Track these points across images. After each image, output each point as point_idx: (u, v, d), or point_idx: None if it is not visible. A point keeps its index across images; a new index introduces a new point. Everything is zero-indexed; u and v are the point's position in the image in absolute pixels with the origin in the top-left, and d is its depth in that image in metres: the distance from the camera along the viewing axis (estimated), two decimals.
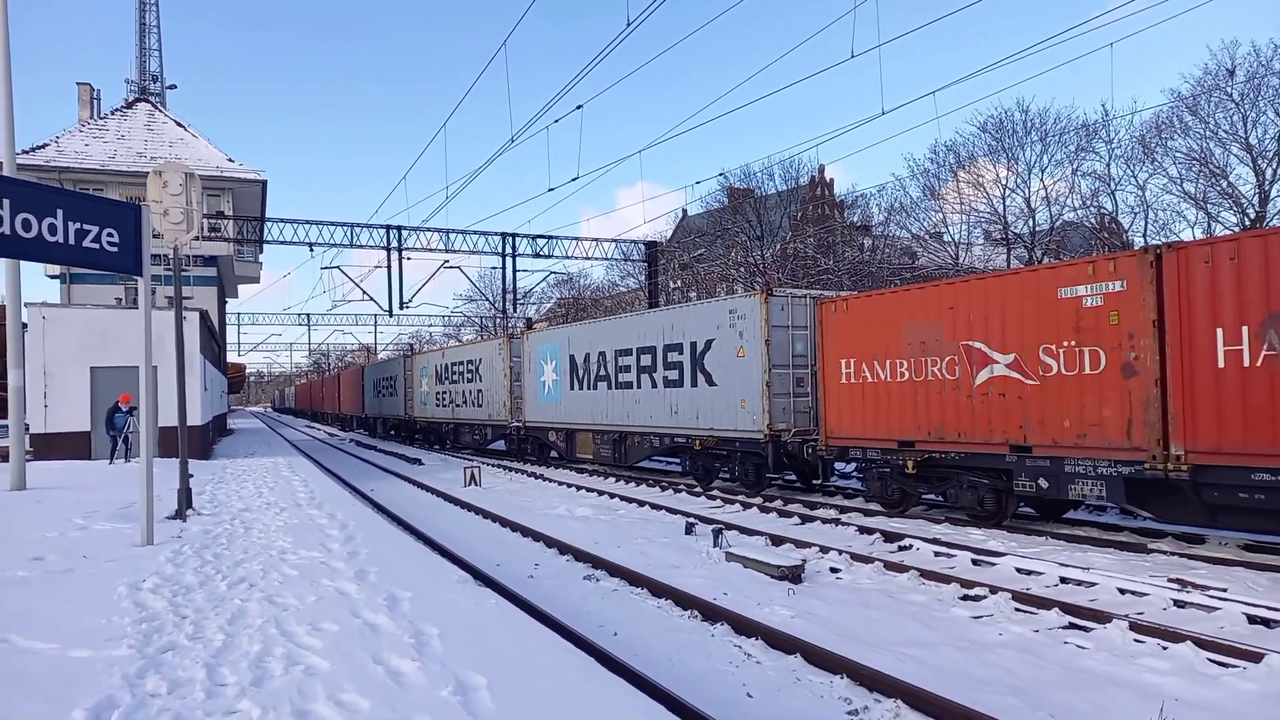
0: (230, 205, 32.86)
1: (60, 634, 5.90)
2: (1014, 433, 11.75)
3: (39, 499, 13.41)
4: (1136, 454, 10.24)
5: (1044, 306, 11.32)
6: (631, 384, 20.52)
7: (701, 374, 18.00)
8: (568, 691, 5.04)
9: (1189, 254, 9.85)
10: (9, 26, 14.38)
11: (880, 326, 13.87)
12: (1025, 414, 11.59)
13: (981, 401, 12.19)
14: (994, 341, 12.03)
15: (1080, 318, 10.91)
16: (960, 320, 12.50)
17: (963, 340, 12.46)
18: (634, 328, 20.69)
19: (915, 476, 13.53)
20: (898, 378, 13.53)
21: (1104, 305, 10.65)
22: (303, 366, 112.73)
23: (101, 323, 21.26)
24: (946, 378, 12.71)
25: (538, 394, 25.39)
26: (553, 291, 62.02)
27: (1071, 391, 11.02)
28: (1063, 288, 11.11)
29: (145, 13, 39.15)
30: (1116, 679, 6.29)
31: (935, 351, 12.88)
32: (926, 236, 39.93)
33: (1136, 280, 10.27)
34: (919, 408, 13.15)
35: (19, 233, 8.26)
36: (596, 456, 22.65)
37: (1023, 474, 11.72)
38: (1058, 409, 11.19)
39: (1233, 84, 28.60)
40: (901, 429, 13.46)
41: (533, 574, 10.38)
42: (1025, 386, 11.59)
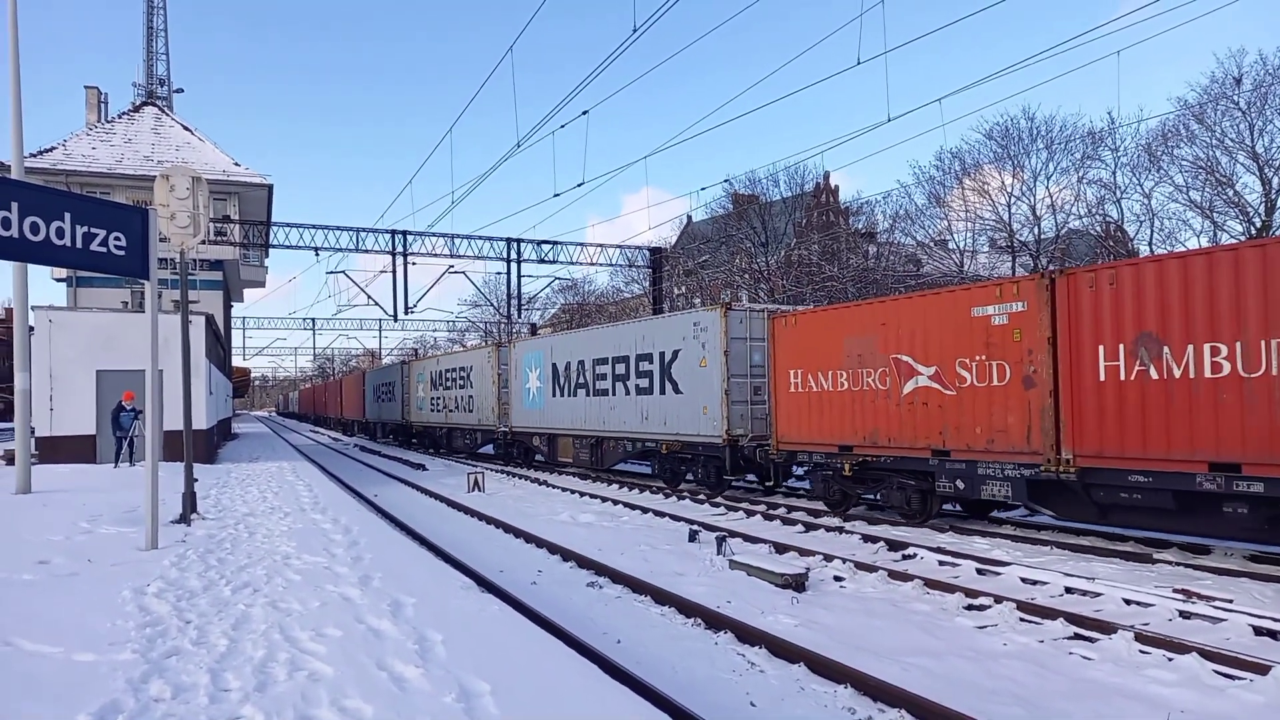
0: (236, 209, 32.97)
1: (65, 637, 5.91)
2: (935, 438, 12.79)
3: (44, 502, 13.44)
4: (1035, 457, 11.29)
5: (960, 324, 12.42)
6: (607, 391, 21.56)
7: (669, 382, 19.07)
8: (571, 698, 5.03)
9: (1077, 279, 10.95)
10: (18, 31, 14.46)
11: (824, 340, 14.95)
12: (944, 421, 12.64)
13: (908, 410, 13.23)
14: (919, 355, 13.09)
15: (989, 335, 12.01)
16: (891, 336, 13.56)
17: (893, 354, 13.52)
18: (610, 338, 21.80)
19: (853, 478, 14.53)
20: (838, 387, 14.64)
21: (1009, 324, 11.77)
22: (307, 371, 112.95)
23: (108, 326, 21.32)
24: (879, 388, 13.80)
25: (523, 400, 26.49)
26: (557, 297, 62.15)
27: (982, 401, 12.09)
28: (975, 307, 12.23)
29: (153, 17, 39.38)
30: (1122, 690, 6.26)
31: (870, 364, 13.97)
32: (931, 244, 39.92)
33: (1035, 301, 11.38)
34: (856, 415, 14.22)
35: (27, 236, 8.29)
36: (576, 460, 23.64)
37: (943, 476, 12.76)
38: (971, 417, 12.25)
39: (1240, 92, 28.61)
40: (841, 434, 14.51)
41: (536, 580, 10.37)
42: (944, 396, 12.64)
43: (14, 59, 14.43)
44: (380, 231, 32.76)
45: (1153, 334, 10.07)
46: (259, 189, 33.04)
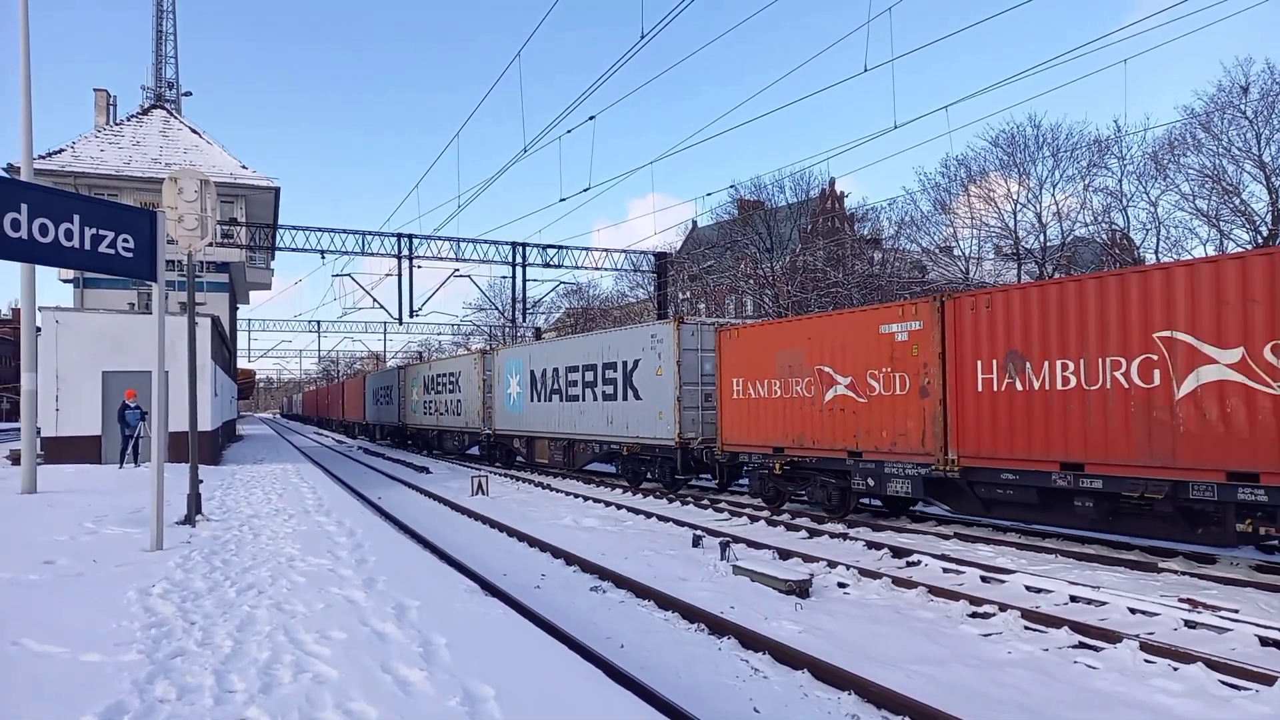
0: (243, 212, 33.07)
1: (71, 638, 5.92)
2: (850, 441, 14.31)
3: (50, 502, 13.48)
4: (928, 458, 12.83)
5: (870, 340, 13.97)
6: (578, 397, 23.03)
7: (631, 389, 20.54)
8: (575, 703, 5.03)
9: (961, 302, 12.57)
10: (29, 36, 14.55)
11: (761, 352, 16.47)
12: (858, 426, 14.16)
13: (829, 415, 14.76)
14: (838, 366, 14.63)
15: (894, 349, 13.57)
16: (815, 349, 15.08)
17: (817, 365, 15.03)
18: (580, 347, 23.34)
19: (784, 477, 15.98)
20: (773, 394, 16.12)
21: (909, 340, 13.32)
22: (312, 373, 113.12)
23: (114, 328, 21.39)
24: (805, 395, 15.32)
25: (505, 404, 27.95)
26: (562, 301, 62.16)
27: (888, 408, 13.63)
28: (883, 325, 13.77)
29: (162, 20, 39.56)
30: (1127, 700, 6.24)
31: (798, 374, 15.49)
32: (937, 250, 39.89)
33: (929, 321, 12.91)
34: (787, 420, 15.71)
35: (36, 237, 8.33)
36: (551, 461, 25.28)
37: (857, 475, 14.25)
38: (879, 422, 13.79)
39: (1246, 101, 28.57)
40: (774, 437, 15.99)
41: (540, 584, 10.37)
42: (858, 403, 14.21)
43: (24, 63, 14.52)
44: (386, 235, 32.84)
45: (1018, 351, 11.71)
46: (266, 192, 33.14)
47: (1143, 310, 10.33)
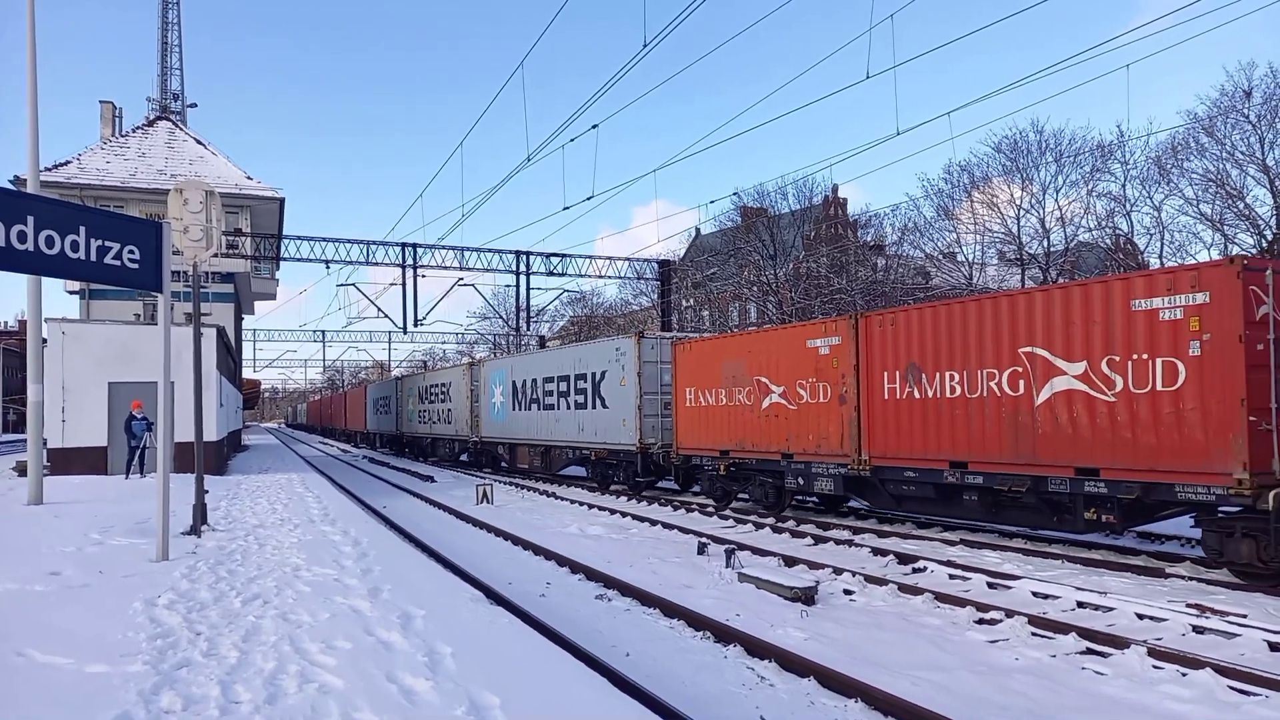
0: (248, 222, 33.20)
1: (77, 648, 5.93)
2: (783, 444, 15.83)
3: (56, 513, 13.51)
4: (846, 459, 14.40)
5: (799, 353, 15.57)
6: (554, 406, 24.56)
7: (599, 398, 22.02)
8: (581, 712, 5.02)
9: (871, 320, 14.26)
10: (36, 48, 14.64)
11: (710, 363, 18.10)
12: (789, 430, 15.72)
13: (765, 421, 16.30)
14: (773, 377, 16.17)
15: (818, 362, 15.12)
16: (755, 361, 16.64)
17: (756, 375, 16.56)
18: (556, 359, 25.06)
19: (729, 477, 17.62)
20: (720, 402, 17.71)
21: (830, 353, 14.92)
22: (317, 383, 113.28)
23: (120, 338, 21.46)
24: (746, 403, 16.85)
25: (490, 413, 29.83)
26: (566, 309, 62.22)
27: (814, 414, 15.18)
28: (809, 340, 15.38)
29: (167, 32, 39.79)
30: (1136, 706, 6.21)
31: (741, 383, 17.03)
32: (940, 256, 39.85)
33: (846, 337, 14.53)
34: (731, 425, 17.26)
35: (42, 249, 8.36)
36: (531, 466, 26.94)
37: (790, 474, 15.79)
38: (807, 427, 15.35)
39: (1250, 105, 28.52)
40: (721, 441, 17.61)
41: (545, 593, 10.36)
42: (789, 410, 15.74)
43: (31, 75, 14.62)
44: (390, 244, 32.94)
45: (916, 364, 13.25)
46: (270, 202, 33.28)
47: (1011, 328, 11.84)
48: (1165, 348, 10.11)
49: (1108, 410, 10.66)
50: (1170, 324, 10.07)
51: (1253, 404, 9.38)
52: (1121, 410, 10.53)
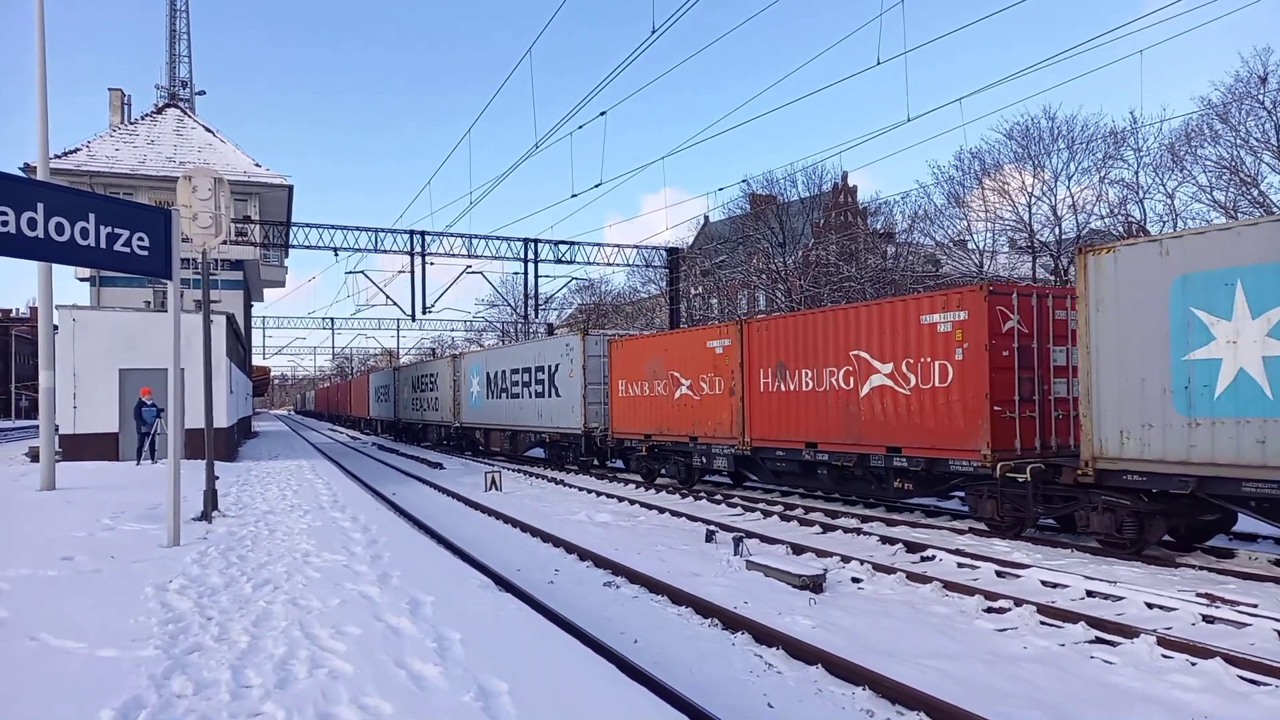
0: (257, 210, 33.22)
1: (89, 633, 5.98)
2: (691, 429, 18.96)
3: (68, 499, 13.60)
4: (735, 441, 17.45)
5: (701, 352, 18.62)
6: (519, 395, 27.50)
7: (554, 388, 24.93)
8: (589, 698, 5.04)
9: (752, 325, 17.25)
10: (45, 36, 14.65)
11: (637, 359, 21.09)
12: (695, 417, 18.82)
13: (678, 408, 19.43)
14: (682, 371, 19.28)
15: (715, 360, 18.16)
16: (670, 358, 19.74)
17: (670, 370, 19.68)
18: (522, 353, 27.93)
19: (651, 457, 20.73)
20: (644, 393, 20.75)
21: (723, 353, 17.91)
22: (326, 370, 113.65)
23: (130, 325, 21.55)
24: (663, 394, 19.95)
25: (469, 401, 32.86)
26: (574, 297, 62.19)
27: (712, 404, 18.25)
28: (708, 341, 18.48)
29: (175, 20, 39.76)
30: (1144, 695, 6.19)
31: (660, 377, 20.07)
32: (951, 244, 39.63)
33: (735, 339, 17.49)
34: (653, 412, 20.36)
35: (52, 236, 8.38)
36: (501, 449, 30.32)
37: (696, 454, 18.95)
38: (707, 414, 18.43)
39: (1265, 91, 28.20)
40: (645, 426, 20.72)
41: (553, 580, 10.39)
42: (695, 400, 18.88)
43: (41, 64, 14.63)
44: (399, 232, 32.91)
45: (783, 363, 16.09)
46: (279, 190, 33.27)
47: (846, 335, 14.68)
48: (941, 353, 12.96)
49: (906, 401, 13.57)
50: (944, 334, 12.92)
51: (996, 397, 12.20)
52: (914, 401, 13.41)
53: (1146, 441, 10.22)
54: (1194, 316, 9.87)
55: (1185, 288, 9.96)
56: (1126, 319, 10.53)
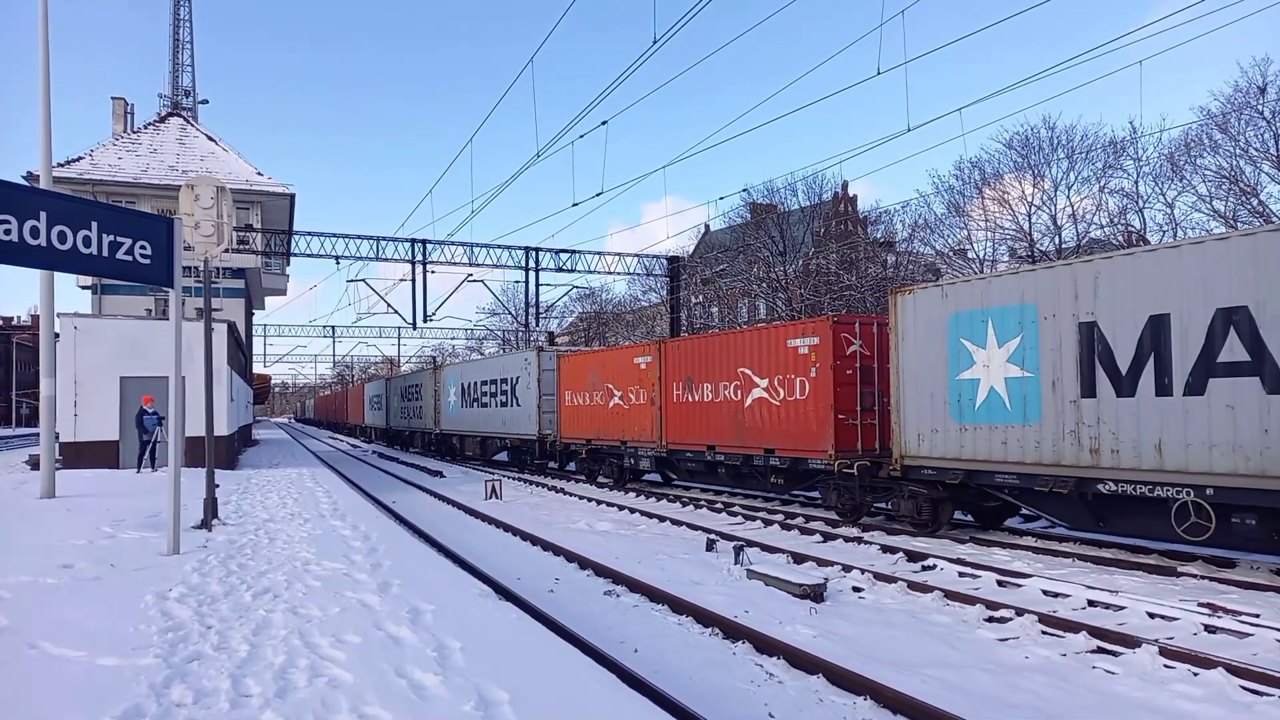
0: (259, 218, 33.31)
1: (89, 641, 5.97)
2: (622, 434, 21.71)
3: (68, 507, 13.59)
4: (655, 444, 20.29)
5: (629, 367, 21.49)
6: (488, 404, 30.47)
7: (515, 398, 28.01)
8: (589, 708, 5.03)
9: (668, 345, 20.31)
10: (49, 44, 14.71)
11: (580, 372, 24.07)
12: (625, 423, 21.61)
13: (612, 416, 22.22)
14: (616, 383, 22.08)
15: (640, 374, 20.96)
16: (606, 372, 22.62)
17: (606, 382, 22.53)
18: (490, 366, 31.16)
19: (590, 459, 23.65)
20: (585, 402, 23.69)
21: (646, 368, 20.71)
22: (327, 378, 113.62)
23: (132, 333, 21.56)
24: (601, 403, 22.75)
25: (447, 409, 35.61)
26: (575, 306, 62.19)
27: (639, 412, 21.07)
28: (635, 357, 21.32)
29: (179, 29, 39.92)
30: (1147, 705, 6.17)
31: (598, 388, 22.96)
32: (951, 253, 39.66)
33: (655, 356, 20.49)
34: (592, 420, 23.30)
35: (54, 245, 8.40)
36: (474, 454, 33.05)
37: (626, 456, 21.62)
38: (635, 421, 21.23)
39: (1264, 101, 28.26)
40: (587, 432, 23.61)
41: (553, 588, 10.37)
42: (625, 409, 21.63)
43: (44, 72, 14.69)
44: (400, 240, 32.97)
45: (690, 377, 18.95)
46: (281, 198, 33.37)
47: (735, 354, 17.53)
48: (801, 371, 15.68)
49: (777, 410, 16.33)
50: (803, 356, 15.63)
51: (840, 407, 14.94)
52: (783, 411, 16.16)
53: (934, 443, 13.14)
54: (962, 345, 12.74)
55: (957, 323, 12.86)
56: (921, 346, 13.42)
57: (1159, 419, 10.23)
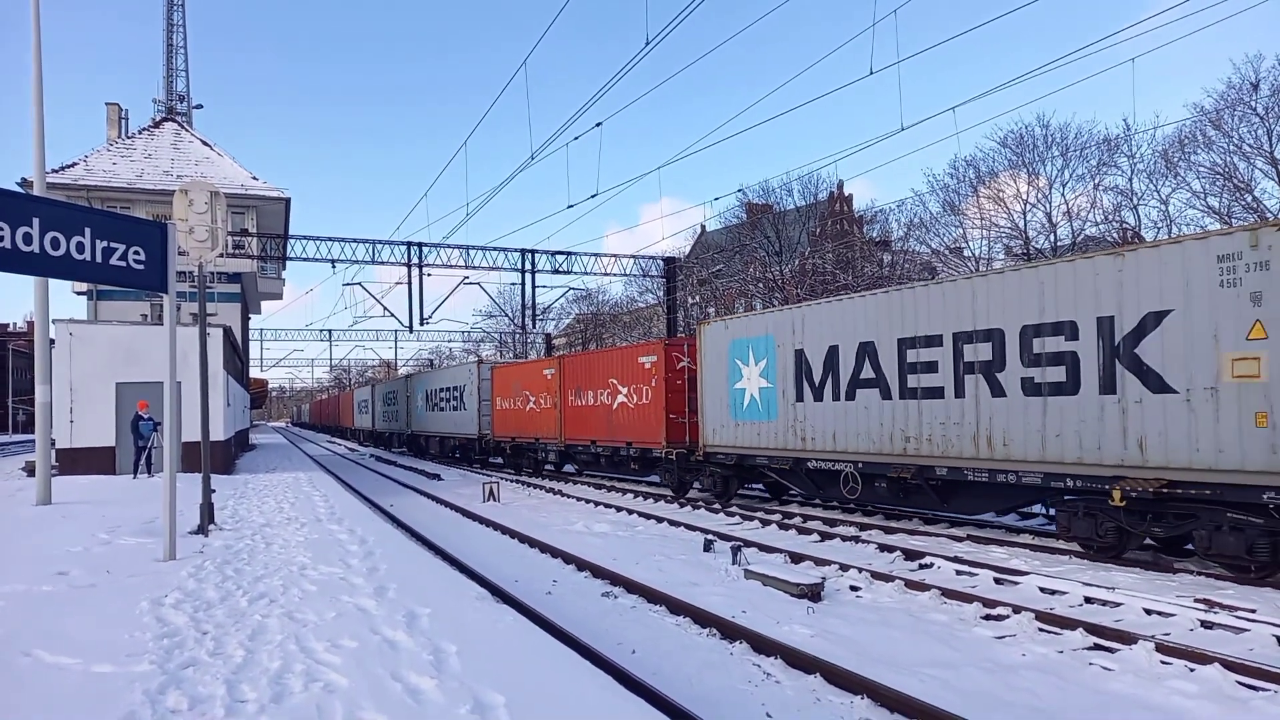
0: (254, 223, 33.25)
1: (84, 649, 5.95)
2: (536, 432, 26.73)
3: (64, 514, 13.55)
4: (557, 439, 25.02)
5: (538, 377, 26.59)
6: (444, 408, 35.84)
7: (463, 403, 33.27)
8: (586, 710, 5.02)
9: (566, 359, 25.07)
10: (41, 49, 14.68)
11: (507, 381, 29.44)
12: (537, 423, 26.56)
13: (529, 417, 27.30)
14: (531, 390, 27.08)
15: (547, 383, 25.81)
16: (524, 381, 27.77)
17: (524, 390, 27.65)
18: (445, 376, 37.35)
19: (513, 454, 29.09)
20: (510, 406, 28.88)
21: (551, 378, 25.43)
22: (324, 382, 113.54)
23: (127, 339, 21.52)
24: (521, 407, 27.90)
25: (417, 413, 41.08)
26: (572, 307, 62.14)
27: (547, 414, 25.84)
28: (544, 369, 26.23)
29: (172, 34, 39.86)
30: (1144, 702, 6.18)
31: (519, 394, 28.06)
32: (946, 252, 39.72)
33: (557, 368, 25.08)
34: (516, 421, 28.45)
35: (48, 251, 8.38)
36: (437, 452, 38.01)
37: (538, 451, 26.95)
38: (543, 422, 26.08)
39: (1257, 97, 28.36)
40: (511, 431, 28.87)
41: (550, 590, 10.36)
42: (537, 411, 26.52)
43: (37, 78, 14.65)
44: (396, 243, 32.92)
45: (580, 386, 23.80)
46: (276, 202, 33.32)
47: (608, 367, 22.36)
48: (647, 381, 20.50)
49: (633, 412, 21.08)
50: (648, 370, 20.43)
51: (671, 410, 19.72)
52: (637, 412, 20.90)
53: (722, 435, 17.95)
54: (736, 364, 17.51)
55: (734, 348, 17.59)
56: (714, 364, 18.23)
57: (834, 417, 14.97)
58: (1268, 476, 8.95)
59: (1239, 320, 9.25)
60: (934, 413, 12.99)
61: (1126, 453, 10.31)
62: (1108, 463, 10.50)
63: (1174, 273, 9.85)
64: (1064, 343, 11.09)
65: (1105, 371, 10.60)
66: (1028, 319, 11.55)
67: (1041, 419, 11.37)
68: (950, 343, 12.74)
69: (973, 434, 12.33)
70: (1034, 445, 11.42)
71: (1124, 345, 10.38)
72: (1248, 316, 9.18)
